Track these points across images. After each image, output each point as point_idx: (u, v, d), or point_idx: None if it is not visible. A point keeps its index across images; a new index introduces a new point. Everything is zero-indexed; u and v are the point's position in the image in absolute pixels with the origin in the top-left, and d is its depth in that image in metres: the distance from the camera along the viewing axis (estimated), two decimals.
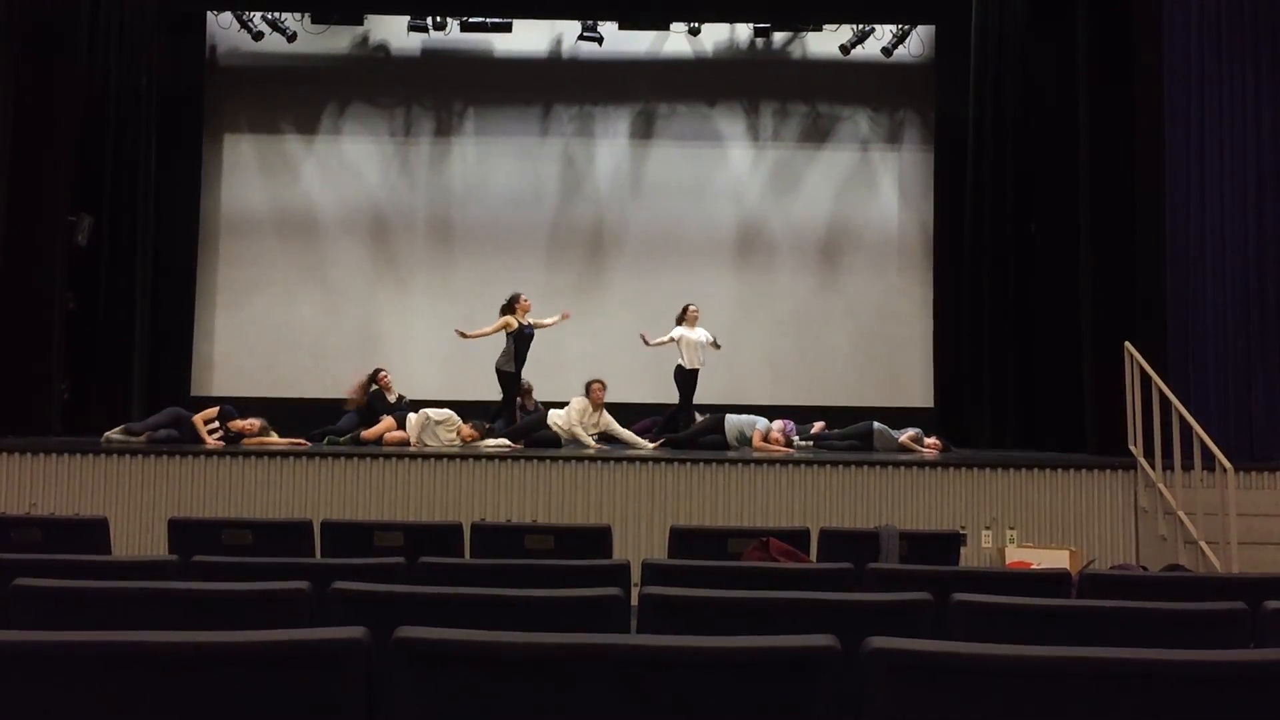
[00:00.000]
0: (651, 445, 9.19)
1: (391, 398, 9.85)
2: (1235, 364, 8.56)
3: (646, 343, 9.94)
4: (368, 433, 9.08)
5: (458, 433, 9.00)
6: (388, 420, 9.18)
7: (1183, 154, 8.78)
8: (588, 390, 9.35)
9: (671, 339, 10.00)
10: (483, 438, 8.88)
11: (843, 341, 12.10)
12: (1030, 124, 10.49)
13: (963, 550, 6.10)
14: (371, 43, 12.61)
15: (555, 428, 9.20)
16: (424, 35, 12.31)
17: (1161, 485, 7.76)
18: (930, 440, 9.57)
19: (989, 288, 10.92)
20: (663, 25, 12.35)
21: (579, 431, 9.08)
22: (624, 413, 9.72)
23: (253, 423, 8.88)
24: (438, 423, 9.04)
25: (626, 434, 9.29)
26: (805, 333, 12.14)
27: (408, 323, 12.07)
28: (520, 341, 9.72)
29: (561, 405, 9.64)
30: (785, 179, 12.54)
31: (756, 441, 9.23)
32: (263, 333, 12.09)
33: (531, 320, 9.88)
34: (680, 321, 10.08)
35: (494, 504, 8.06)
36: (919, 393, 12.06)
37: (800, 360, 12.12)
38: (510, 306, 9.83)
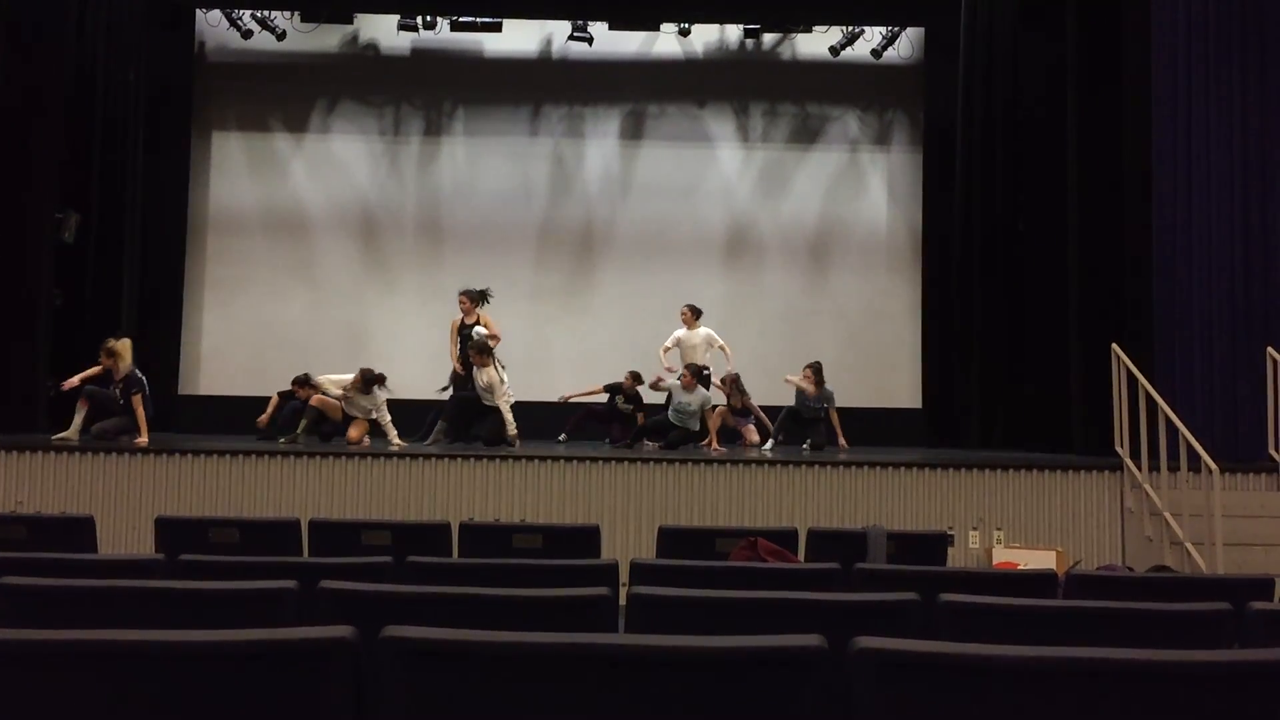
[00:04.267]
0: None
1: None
2: (1221, 365, 8.60)
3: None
4: (353, 434, 9.11)
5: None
6: (363, 424, 9.22)
7: (1170, 155, 8.82)
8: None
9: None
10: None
11: (831, 342, 12.10)
12: (1019, 125, 10.52)
13: (950, 550, 6.12)
14: (361, 41, 12.58)
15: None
16: (414, 34, 12.29)
17: (1148, 486, 7.79)
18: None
19: (977, 289, 10.95)
20: (653, 26, 12.35)
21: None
22: None
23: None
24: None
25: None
26: (794, 333, 12.15)
27: (396, 321, 12.04)
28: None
29: (550, 405, 9.65)
30: (774, 180, 12.55)
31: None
32: (251, 330, 12.06)
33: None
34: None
35: (482, 503, 8.05)
36: (907, 393, 12.09)
37: (789, 360, 12.08)
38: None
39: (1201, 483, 7.39)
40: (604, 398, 10.16)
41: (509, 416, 9.13)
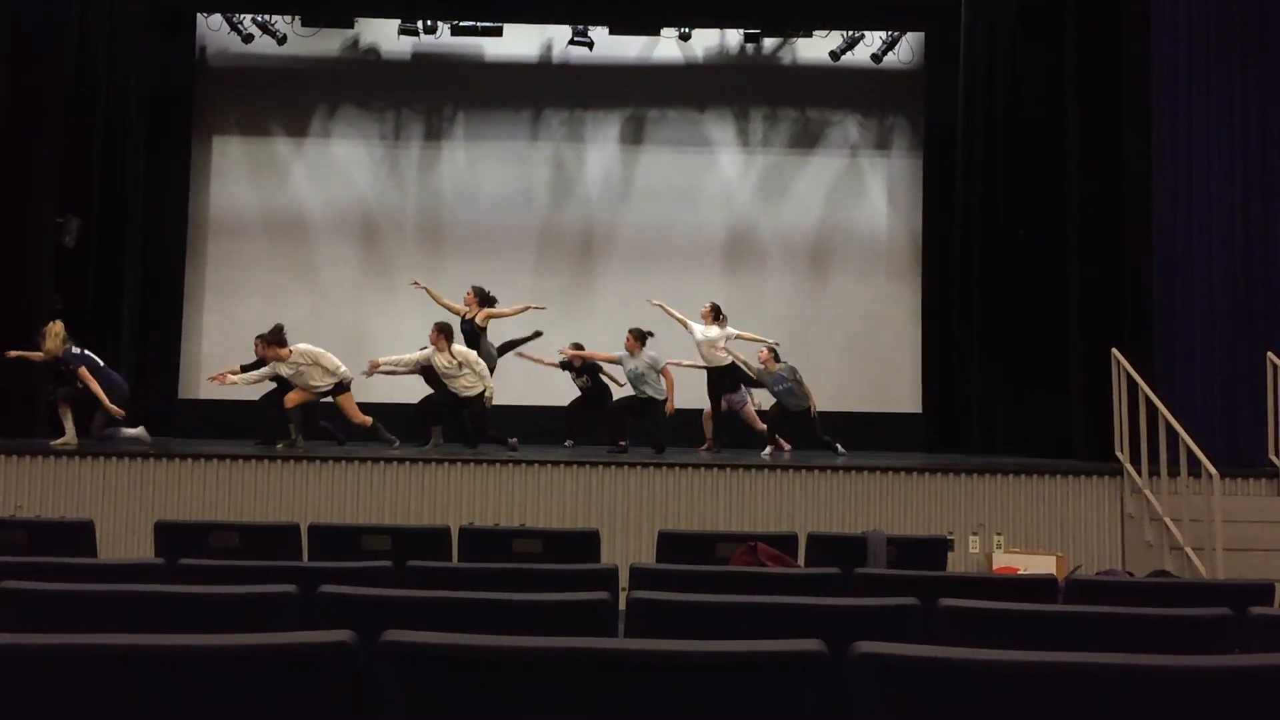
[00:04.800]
0: None
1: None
2: (1222, 370, 8.60)
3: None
4: (349, 410, 9.12)
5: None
6: (348, 397, 9.22)
7: (1170, 159, 8.82)
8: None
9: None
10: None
11: (831, 347, 12.11)
12: (1019, 130, 10.53)
13: (950, 555, 6.12)
14: (362, 46, 12.60)
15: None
16: (414, 38, 12.30)
17: (1148, 491, 7.79)
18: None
19: (977, 293, 10.96)
20: (653, 30, 12.36)
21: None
22: None
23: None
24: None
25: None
26: (794, 338, 12.11)
27: (396, 325, 12.00)
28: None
29: (552, 409, 9.64)
30: (775, 184, 12.55)
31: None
32: (251, 334, 11.92)
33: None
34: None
35: (482, 508, 8.05)
36: (907, 398, 12.08)
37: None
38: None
39: (1202, 488, 7.39)
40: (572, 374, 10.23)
41: (487, 388, 9.12)
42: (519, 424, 9.54)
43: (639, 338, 9.57)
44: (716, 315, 9.97)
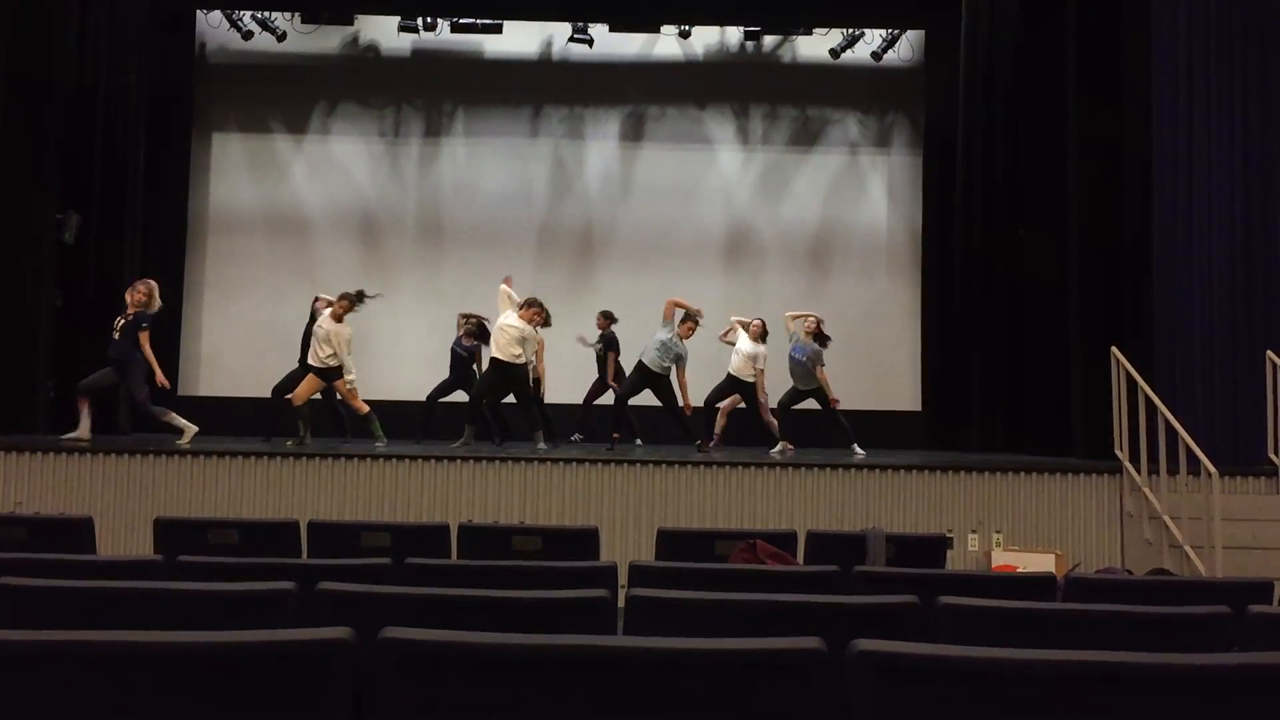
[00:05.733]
0: None
1: None
2: (1221, 369, 8.61)
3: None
4: (353, 401, 9.17)
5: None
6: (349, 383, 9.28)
7: (1170, 157, 8.83)
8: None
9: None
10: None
11: (831, 345, 12.10)
12: (1019, 129, 10.52)
13: (949, 553, 6.12)
14: (362, 43, 12.59)
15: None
16: (414, 36, 12.31)
17: (1147, 490, 7.79)
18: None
19: (977, 292, 10.94)
20: (653, 28, 12.36)
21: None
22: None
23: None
24: None
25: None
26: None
27: (396, 323, 12.03)
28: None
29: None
30: (775, 182, 12.55)
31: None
32: (251, 332, 12.05)
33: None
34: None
35: (481, 505, 8.05)
36: (907, 396, 12.09)
37: (788, 363, 12.12)
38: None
39: (1201, 486, 7.39)
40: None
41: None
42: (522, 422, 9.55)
43: (686, 319, 9.65)
44: (763, 335, 10.12)
